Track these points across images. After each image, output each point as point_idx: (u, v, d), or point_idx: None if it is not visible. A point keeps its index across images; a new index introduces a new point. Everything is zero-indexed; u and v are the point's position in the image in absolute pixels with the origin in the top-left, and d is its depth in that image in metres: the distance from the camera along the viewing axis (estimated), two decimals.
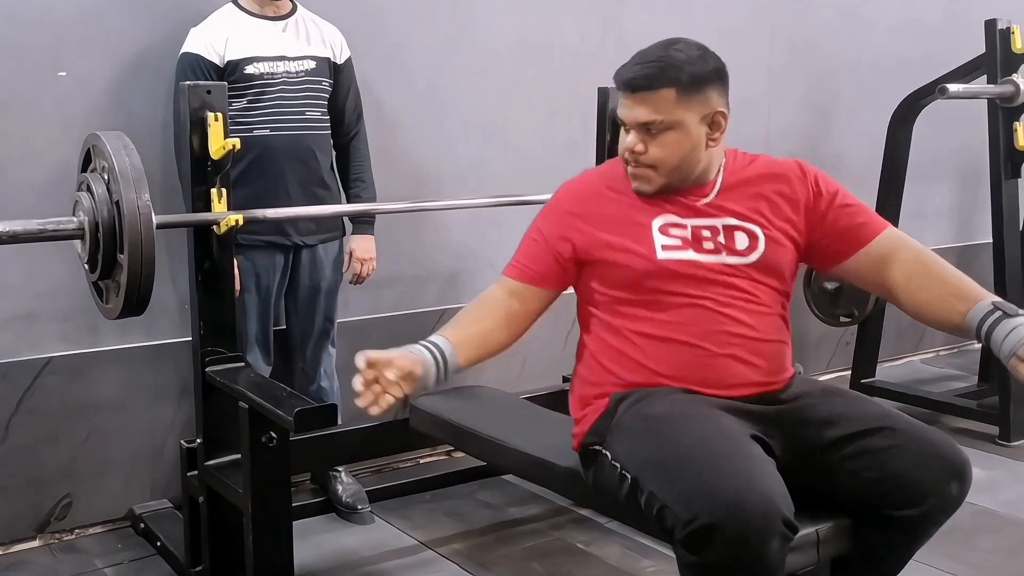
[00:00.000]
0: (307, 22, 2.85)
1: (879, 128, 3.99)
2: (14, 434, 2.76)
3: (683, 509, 1.58)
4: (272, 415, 2.11)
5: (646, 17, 3.81)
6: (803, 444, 1.80)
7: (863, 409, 1.86)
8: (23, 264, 2.70)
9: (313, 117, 2.82)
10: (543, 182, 2.87)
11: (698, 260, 1.89)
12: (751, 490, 1.55)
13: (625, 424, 1.80)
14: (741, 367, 1.85)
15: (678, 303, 1.86)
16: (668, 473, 1.64)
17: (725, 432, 1.70)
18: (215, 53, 2.67)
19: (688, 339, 1.84)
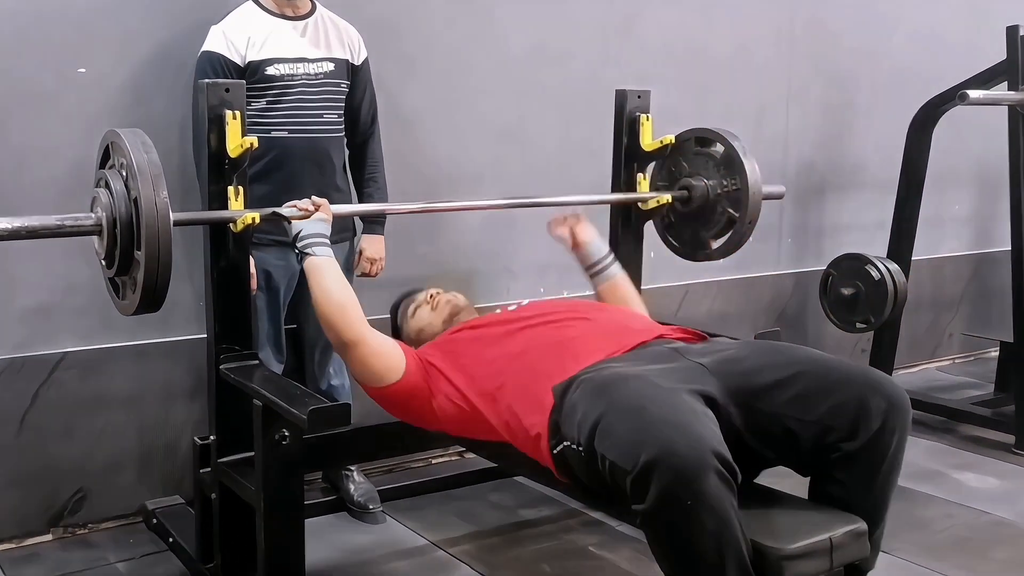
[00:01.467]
0: (327, 22, 2.85)
1: (898, 134, 3.97)
2: (29, 428, 2.78)
3: (625, 460, 1.68)
4: (286, 413, 2.11)
5: (665, 20, 3.81)
6: (737, 392, 1.90)
7: (789, 355, 1.99)
8: (40, 259, 2.72)
9: (330, 120, 2.82)
10: (558, 184, 2.87)
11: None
12: (680, 431, 1.67)
13: (571, 403, 1.89)
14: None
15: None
16: (609, 431, 1.75)
17: (657, 387, 1.81)
18: (236, 53, 2.67)
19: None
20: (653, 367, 1.94)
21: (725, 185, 2.81)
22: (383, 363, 2.21)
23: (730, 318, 4.08)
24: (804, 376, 1.91)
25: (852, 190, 4.47)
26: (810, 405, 1.88)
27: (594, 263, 2.68)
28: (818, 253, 4.37)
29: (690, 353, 2.02)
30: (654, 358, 2.01)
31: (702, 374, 1.93)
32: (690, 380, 1.88)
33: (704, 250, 2.95)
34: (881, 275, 3.66)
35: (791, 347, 2.07)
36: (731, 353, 2.02)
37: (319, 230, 2.28)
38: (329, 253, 2.27)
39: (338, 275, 2.25)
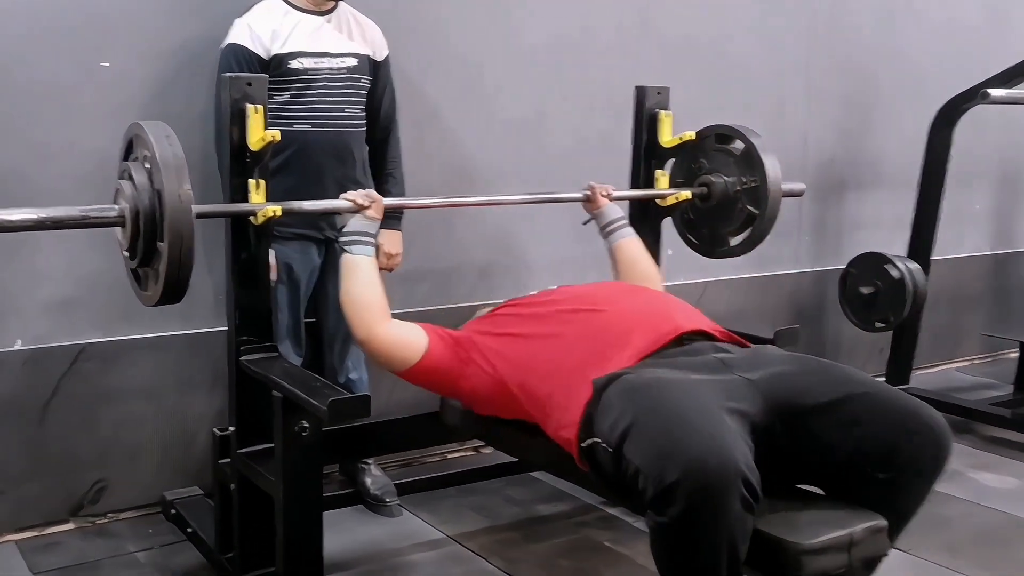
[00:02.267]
0: (349, 18, 2.86)
1: (919, 131, 3.95)
2: (51, 418, 2.80)
3: (651, 468, 1.67)
4: (306, 404, 2.12)
5: (684, 15, 3.80)
6: (781, 411, 1.87)
7: (839, 378, 1.95)
8: (62, 251, 2.74)
9: (351, 114, 2.84)
10: (577, 178, 2.87)
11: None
12: (711, 450, 1.63)
13: (608, 401, 1.88)
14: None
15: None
16: (640, 438, 1.73)
17: (695, 399, 1.78)
18: (261, 46, 2.68)
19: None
20: (698, 377, 1.91)
21: (744, 182, 2.81)
22: (400, 352, 2.27)
23: (748, 315, 4.07)
24: (852, 402, 1.87)
25: (872, 188, 4.45)
26: (854, 432, 1.85)
27: (608, 223, 2.73)
28: (837, 251, 4.35)
29: (738, 366, 1.97)
30: (701, 367, 1.96)
31: (748, 390, 1.89)
32: (734, 396, 1.85)
33: (723, 247, 2.94)
34: (901, 274, 3.64)
35: (842, 369, 2.02)
36: (779, 369, 1.97)
37: (364, 228, 2.34)
38: (368, 252, 2.32)
39: (369, 276, 2.30)
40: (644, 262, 2.69)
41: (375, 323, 2.27)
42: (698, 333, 2.14)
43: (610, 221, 2.72)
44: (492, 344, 2.22)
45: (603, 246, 2.78)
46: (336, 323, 2.97)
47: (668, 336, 2.08)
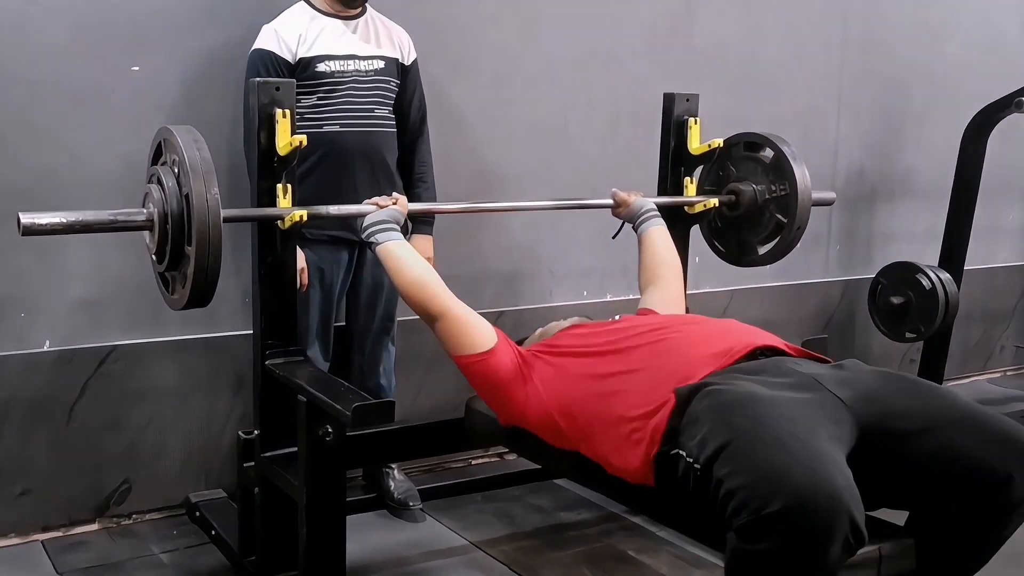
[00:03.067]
0: (377, 22, 2.87)
1: (951, 141, 3.90)
2: (78, 418, 2.82)
3: (752, 497, 1.54)
4: (330, 409, 2.12)
5: (714, 24, 3.78)
6: (873, 432, 1.76)
7: (934, 401, 1.84)
8: (91, 253, 2.77)
9: (381, 115, 2.84)
10: (604, 186, 2.86)
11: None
12: (820, 485, 1.52)
13: (695, 413, 1.77)
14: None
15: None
16: (738, 460, 1.61)
17: (794, 421, 1.67)
18: (287, 50, 2.70)
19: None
20: (788, 394, 1.77)
21: (774, 190, 2.78)
22: (471, 332, 2.18)
23: (776, 325, 3.99)
24: (949, 428, 1.76)
25: (903, 198, 4.40)
26: (948, 460, 1.75)
27: (639, 216, 2.71)
28: (867, 261, 4.30)
29: (826, 381, 1.83)
30: (789, 383, 1.82)
31: (839, 409, 1.77)
32: (827, 416, 1.74)
33: (751, 255, 2.92)
34: (932, 284, 3.59)
35: (936, 390, 1.90)
36: (870, 388, 1.84)
37: (382, 217, 2.32)
38: (397, 237, 2.29)
39: (411, 254, 2.27)
40: (663, 250, 2.65)
41: (446, 295, 2.21)
42: (771, 349, 2.04)
43: (640, 214, 2.71)
44: (556, 362, 2.13)
45: (630, 255, 2.76)
46: (365, 328, 2.98)
47: (742, 350, 1.97)
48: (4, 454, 2.73)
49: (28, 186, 2.65)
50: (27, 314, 2.73)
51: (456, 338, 2.18)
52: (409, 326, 3.20)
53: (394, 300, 2.99)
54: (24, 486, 2.77)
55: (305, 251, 2.71)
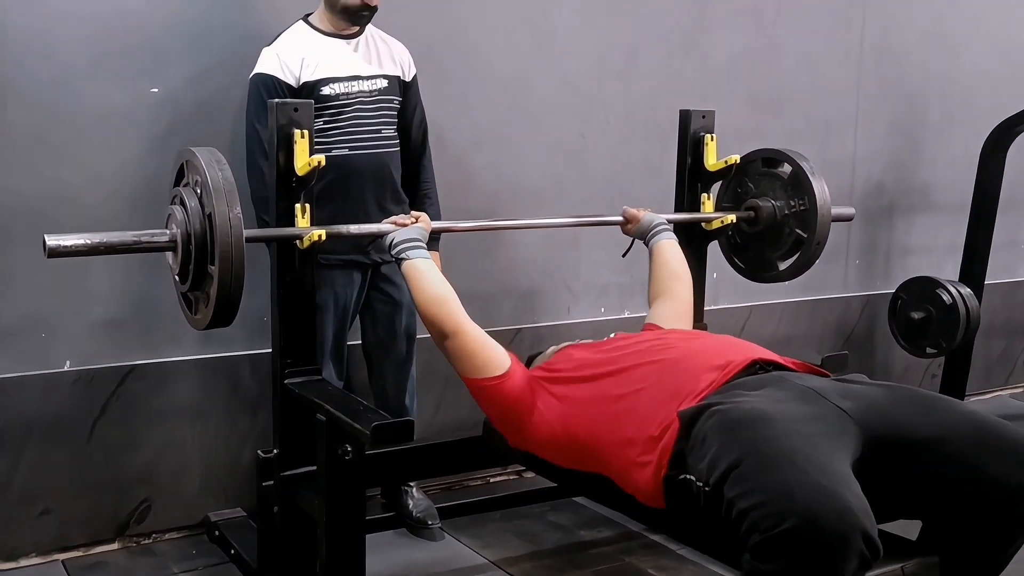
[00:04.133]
0: (376, 40, 2.86)
1: (970, 155, 3.88)
2: (98, 438, 2.83)
3: (763, 517, 1.54)
4: (350, 428, 2.12)
5: (729, 39, 3.78)
6: (879, 444, 1.75)
7: (941, 411, 1.82)
8: (111, 273, 2.78)
9: (387, 135, 2.84)
10: (620, 201, 2.86)
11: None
12: (831, 502, 1.52)
13: (700, 434, 1.77)
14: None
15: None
16: (748, 480, 1.61)
17: (804, 437, 1.66)
18: (290, 74, 2.69)
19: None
20: (791, 408, 1.76)
21: (793, 205, 2.77)
22: (484, 354, 2.17)
23: (795, 340, 4.01)
24: (958, 439, 1.75)
25: (922, 212, 4.38)
26: (958, 471, 1.73)
27: (649, 230, 2.70)
28: (886, 276, 4.28)
29: (829, 394, 1.82)
30: (791, 396, 1.81)
31: (843, 421, 1.75)
32: (832, 429, 1.72)
33: (771, 271, 2.91)
34: (953, 299, 3.57)
35: (943, 401, 1.88)
36: (875, 399, 1.83)
37: (412, 235, 2.34)
38: (424, 255, 2.30)
39: (435, 273, 2.28)
40: (674, 262, 2.63)
41: (462, 315, 2.21)
42: (771, 363, 2.03)
43: (650, 228, 2.69)
44: (556, 391, 2.14)
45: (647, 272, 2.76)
46: (385, 348, 2.97)
47: (740, 364, 1.97)
48: (25, 474, 2.74)
49: (47, 207, 2.67)
50: (48, 334, 2.74)
51: (469, 358, 2.17)
52: (426, 344, 3.20)
53: (413, 318, 2.99)
54: (44, 506, 2.78)
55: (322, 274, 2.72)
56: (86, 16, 2.69)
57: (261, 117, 2.63)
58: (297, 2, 2.89)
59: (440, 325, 2.20)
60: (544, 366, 2.26)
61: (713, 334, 2.32)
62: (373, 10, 2.74)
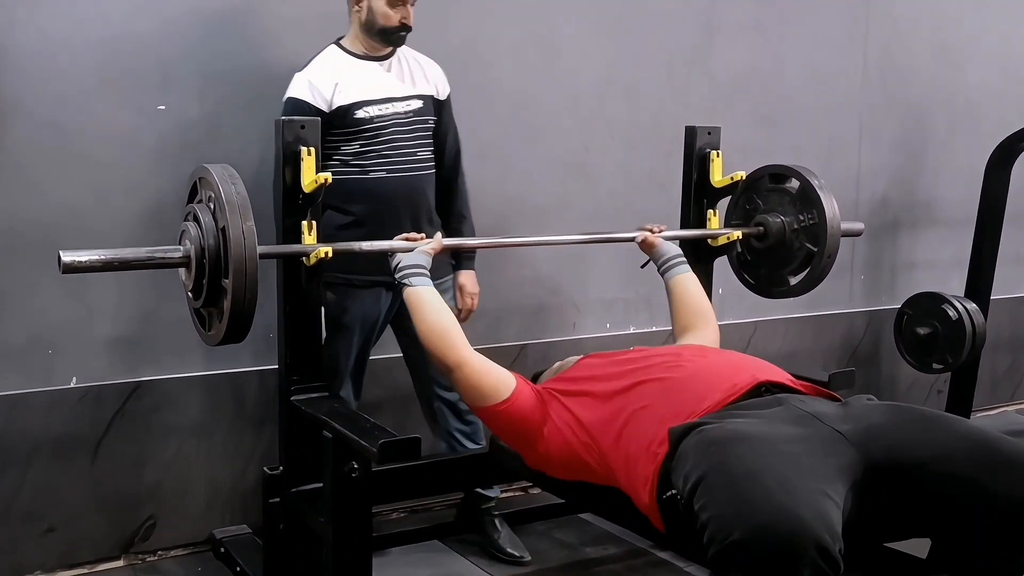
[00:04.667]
0: (409, 60, 2.85)
1: (975, 169, 3.88)
2: (103, 455, 2.83)
3: (718, 526, 1.57)
4: (356, 445, 2.12)
5: (734, 54, 3.79)
6: (880, 465, 1.74)
7: (942, 429, 1.81)
8: (116, 291, 2.78)
9: (423, 156, 2.83)
10: (626, 217, 2.87)
11: None
12: (785, 511, 1.53)
13: (684, 452, 1.79)
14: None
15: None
16: (709, 492, 1.64)
17: (778, 454, 1.67)
18: (322, 99, 2.67)
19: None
20: (779, 430, 1.76)
21: (802, 220, 2.78)
22: (490, 382, 2.16)
23: (801, 356, 4.01)
24: (960, 455, 1.73)
25: (927, 227, 4.38)
26: (961, 487, 1.71)
27: (664, 260, 2.67)
28: (892, 291, 4.28)
29: (827, 418, 1.80)
30: (787, 419, 1.81)
31: (837, 443, 1.74)
32: (819, 451, 1.71)
33: (782, 287, 2.90)
34: (959, 314, 3.56)
35: (944, 419, 1.86)
36: (874, 420, 1.81)
37: (418, 261, 2.32)
38: (427, 283, 2.29)
39: (438, 302, 2.26)
40: (695, 297, 2.62)
41: (464, 346, 2.20)
42: (777, 385, 2.03)
43: (666, 259, 2.67)
44: (569, 403, 2.14)
45: (653, 286, 2.76)
46: (427, 362, 2.94)
47: (745, 386, 1.98)
48: (30, 491, 2.74)
49: (55, 225, 2.68)
50: (54, 351, 2.74)
51: (476, 389, 2.17)
52: None
53: None
54: (50, 523, 2.77)
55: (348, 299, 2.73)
56: (95, 37, 2.70)
57: None
58: (301, 20, 2.92)
59: (443, 358, 2.20)
60: (561, 376, 2.26)
61: (727, 351, 2.31)
62: (409, 29, 2.74)
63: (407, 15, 2.71)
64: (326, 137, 2.65)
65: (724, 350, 2.35)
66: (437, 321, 2.22)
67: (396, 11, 2.69)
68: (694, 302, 2.61)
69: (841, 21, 4.05)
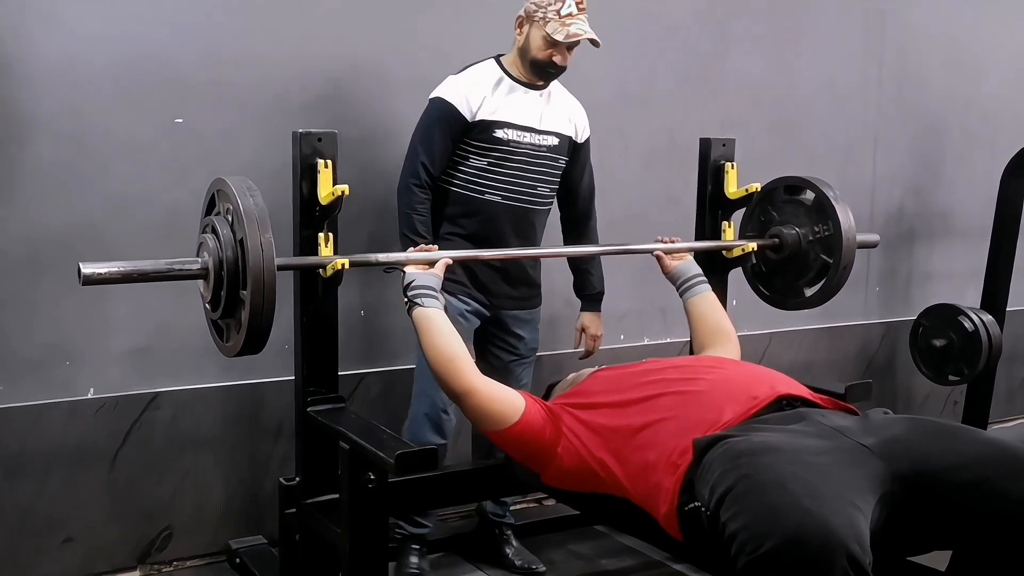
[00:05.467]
0: (558, 96, 2.86)
1: (991, 180, 3.87)
2: (121, 465, 2.84)
3: (747, 539, 1.57)
4: (373, 456, 2.12)
5: (748, 67, 3.79)
6: (904, 477, 1.74)
7: (962, 439, 1.81)
8: (134, 302, 2.80)
9: (542, 193, 2.82)
10: (640, 230, 2.87)
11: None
12: (815, 521, 1.53)
13: (709, 463, 1.79)
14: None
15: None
16: (738, 502, 1.64)
17: (806, 465, 1.67)
18: (468, 108, 2.69)
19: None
20: (805, 442, 1.77)
21: (817, 231, 2.77)
22: (498, 407, 2.16)
23: (816, 368, 3.99)
24: (981, 466, 1.74)
25: (943, 237, 4.36)
26: (983, 497, 1.71)
27: (683, 281, 2.67)
28: (907, 302, 4.26)
29: (851, 432, 1.81)
30: (810, 432, 1.82)
31: (864, 456, 1.74)
32: (847, 462, 1.72)
33: (798, 298, 2.90)
34: (975, 326, 3.55)
35: (965, 431, 1.87)
36: (897, 433, 1.82)
37: (429, 283, 2.30)
38: (437, 305, 2.27)
39: (447, 326, 2.24)
40: (716, 317, 2.61)
41: (472, 372, 2.19)
42: (797, 398, 2.03)
43: (685, 279, 2.66)
44: (584, 416, 2.14)
45: (667, 298, 2.75)
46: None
47: (765, 399, 1.98)
48: (48, 502, 2.75)
49: (73, 236, 2.70)
50: (72, 362, 2.76)
51: (485, 415, 2.17)
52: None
53: (530, 370, 2.97)
54: (67, 533, 2.79)
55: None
56: (112, 52, 2.73)
57: (426, 139, 2.69)
58: (317, 33, 2.93)
59: (451, 384, 2.19)
60: (573, 391, 2.26)
61: (745, 363, 2.30)
62: (561, 69, 2.76)
63: (561, 56, 2.72)
64: (459, 145, 2.70)
65: (741, 362, 2.35)
66: (446, 346, 2.20)
67: (549, 48, 2.70)
68: (714, 322, 2.60)
69: (856, 32, 4.05)
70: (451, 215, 2.76)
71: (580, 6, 2.70)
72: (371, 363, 3.18)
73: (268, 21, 2.92)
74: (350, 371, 3.05)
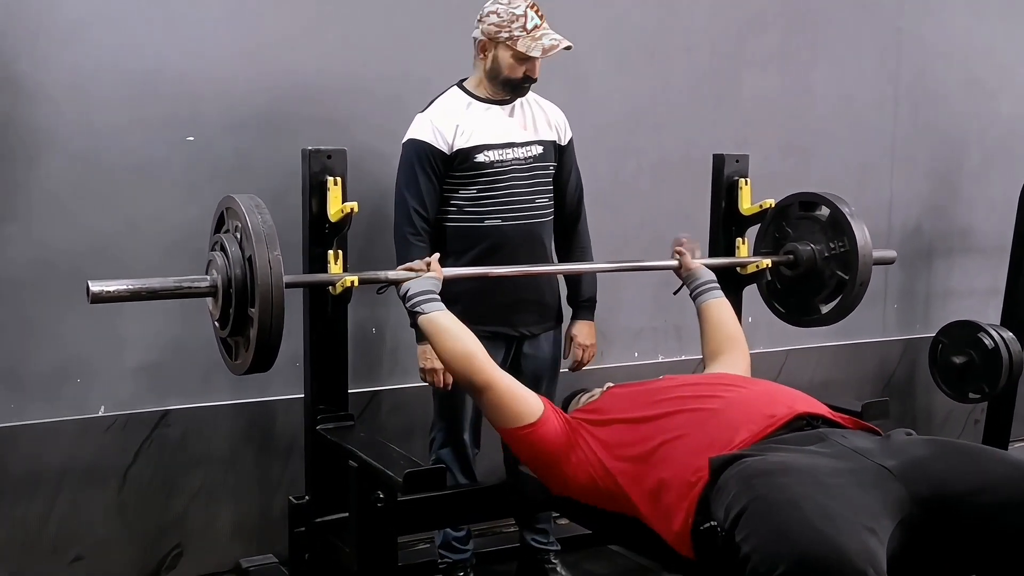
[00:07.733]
0: (532, 104, 2.81)
1: (1010, 198, 3.83)
2: (131, 483, 2.84)
3: (762, 558, 1.56)
4: (382, 474, 2.10)
5: (763, 83, 3.77)
6: (925, 499, 1.71)
7: (984, 461, 1.79)
8: (145, 320, 2.80)
9: (541, 204, 2.78)
10: (653, 246, 2.84)
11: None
12: (829, 544, 1.52)
13: (724, 482, 1.77)
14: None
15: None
16: (752, 523, 1.62)
17: (820, 485, 1.65)
18: (443, 141, 2.65)
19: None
20: (823, 461, 1.75)
21: (832, 247, 2.74)
22: (517, 404, 2.15)
23: (834, 385, 3.95)
24: (1003, 487, 1.72)
25: (961, 255, 4.31)
26: (1006, 519, 1.69)
27: (697, 284, 2.64)
28: (926, 320, 4.21)
29: (871, 453, 1.79)
30: (829, 452, 1.80)
31: (884, 478, 1.72)
32: (866, 484, 1.70)
33: (813, 315, 2.87)
34: (995, 344, 3.50)
35: (986, 452, 1.85)
36: (918, 455, 1.79)
37: (428, 287, 2.28)
38: (440, 307, 2.26)
39: (456, 326, 2.23)
40: (727, 323, 2.58)
41: (490, 367, 2.18)
42: (817, 417, 2.00)
43: (700, 283, 2.64)
44: (598, 433, 2.12)
45: (682, 315, 2.73)
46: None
47: (783, 418, 1.95)
48: (58, 519, 2.75)
49: (84, 254, 2.71)
50: (83, 380, 2.76)
51: (503, 410, 2.16)
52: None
53: (553, 389, 2.91)
54: (77, 552, 2.78)
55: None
56: (125, 71, 2.74)
57: (411, 184, 2.63)
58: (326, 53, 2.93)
59: (470, 381, 2.18)
60: (588, 407, 2.24)
61: (763, 381, 2.27)
62: (533, 81, 2.71)
63: (532, 69, 2.68)
64: (445, 180, 2.66)
65: (759, 380, 2.32)
66: (461, 346, 2.20)
67: (522, 64, 2.66)
68: (726, 328, 2.58)
69: (872, 50, 4.02)
70: (455, 250, 2.69)
71: (539, 14, 2.65)
72: (383, 381, 3.17)
73: (279, 40, 2.93)
74: (361, 388, 3.04)
